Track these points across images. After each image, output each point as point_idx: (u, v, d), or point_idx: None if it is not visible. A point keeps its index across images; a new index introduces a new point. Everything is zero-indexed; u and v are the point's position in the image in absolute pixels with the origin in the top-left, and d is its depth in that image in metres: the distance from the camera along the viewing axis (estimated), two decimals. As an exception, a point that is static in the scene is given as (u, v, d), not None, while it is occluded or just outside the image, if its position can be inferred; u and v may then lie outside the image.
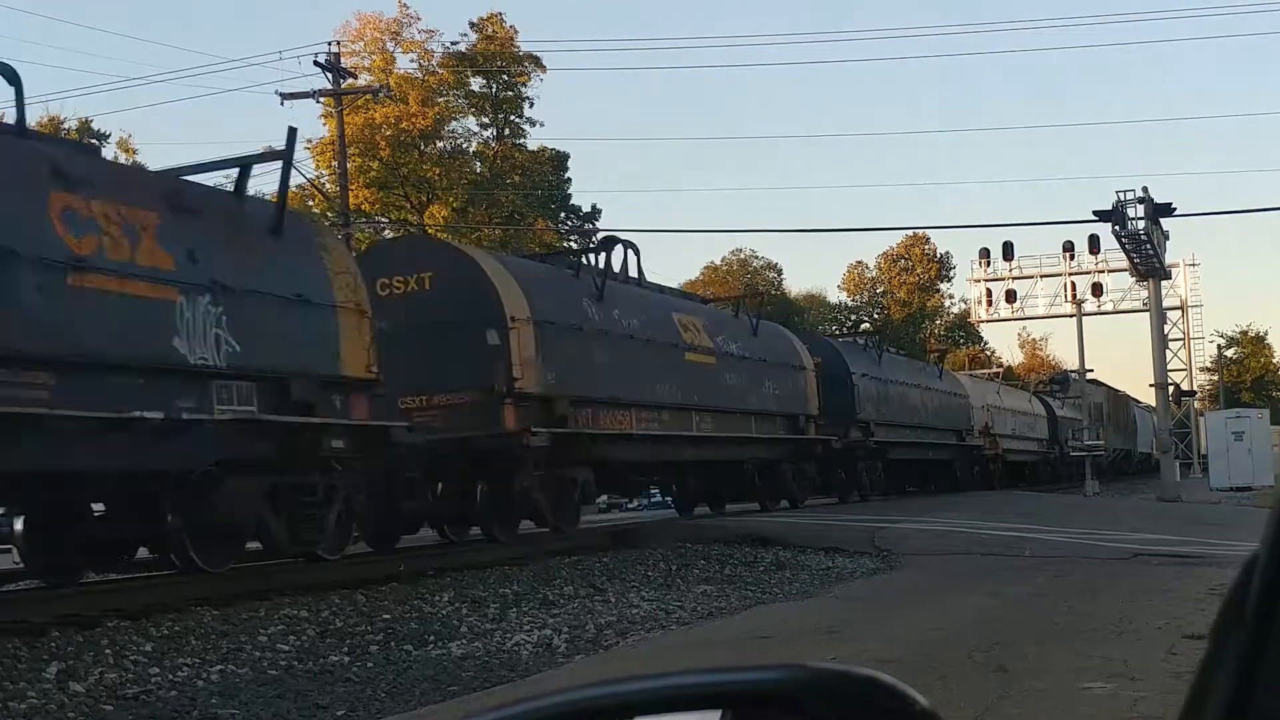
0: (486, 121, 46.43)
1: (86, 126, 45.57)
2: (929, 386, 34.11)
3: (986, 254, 49.45)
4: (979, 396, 38.85)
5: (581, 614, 10.65)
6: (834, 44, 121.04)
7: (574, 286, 18.44)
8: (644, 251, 16.60)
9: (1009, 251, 47.44)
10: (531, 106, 46.49)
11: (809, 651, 7.85)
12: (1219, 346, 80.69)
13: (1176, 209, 35.16)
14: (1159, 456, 38.19)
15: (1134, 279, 42.73)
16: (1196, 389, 63.10)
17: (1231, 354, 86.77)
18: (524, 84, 45.99)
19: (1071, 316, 45.16)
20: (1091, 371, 47.86)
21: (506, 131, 46.40)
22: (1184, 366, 54.80)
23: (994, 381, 47.24)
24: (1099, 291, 47.99)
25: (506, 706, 1.09)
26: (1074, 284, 47.85)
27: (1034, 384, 55.32)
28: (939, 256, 74.76)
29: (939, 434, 34.30)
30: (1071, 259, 47.73)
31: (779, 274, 71.02)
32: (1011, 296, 49.66)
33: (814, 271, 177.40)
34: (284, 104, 33.27)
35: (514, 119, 46.40)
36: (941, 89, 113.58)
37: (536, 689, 5.79)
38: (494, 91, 45.80)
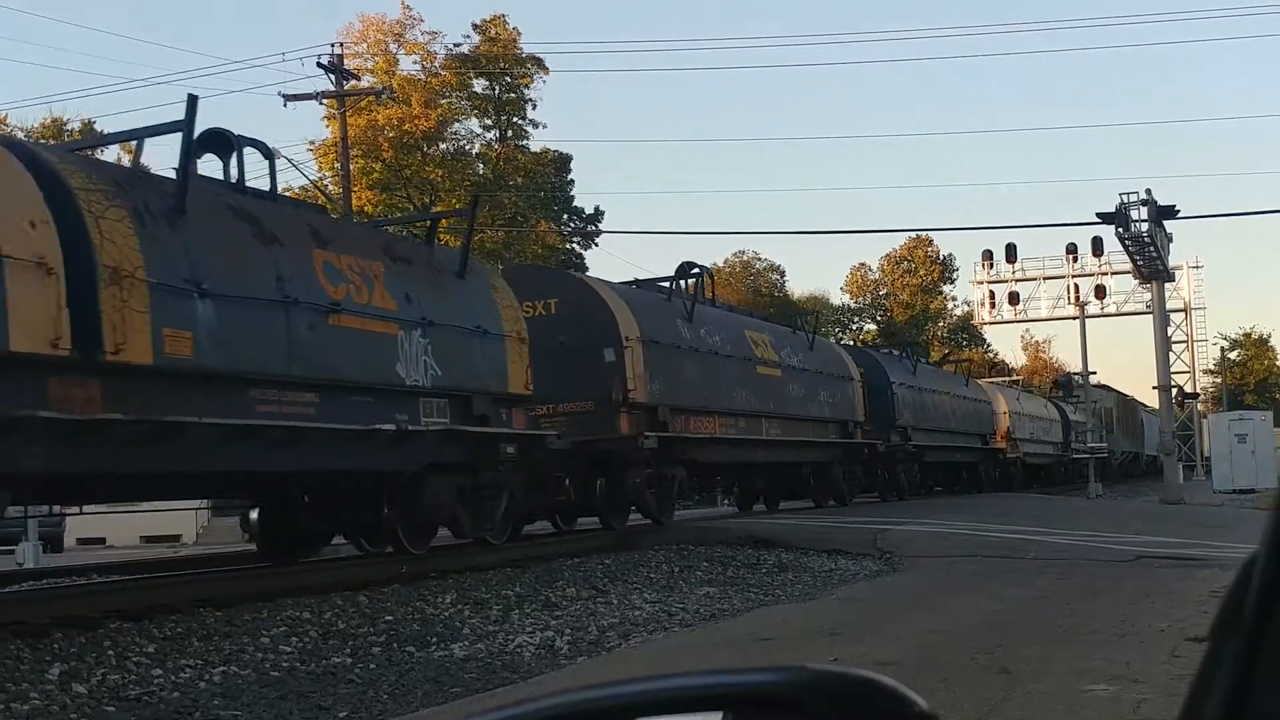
0: (489, 123, 46.44)
1: (89, 127, 45.63)
2: (957, 394, 36.40)
3: (990, 256, 49.42)
4: (1000, 403, 40.93)
5: (584, 616, 10.66)
6: (838, 46, 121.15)
7: (669, 309, 21.04)
8: (645, 253, 17.88)
9: (1012, 253, 47.39)
10: (534, 108, 46.54)
11: (811, 653, 7.85)
12: (1222, 349, 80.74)
13: (1180, 211, 35.15)
14: (1162, 459, 38.21)
15: (1137, 281, 42.69)
16: (1200, 391, 63.03)
17: (1235, 356, 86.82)
18: (527, 86, 46.03)
19: (1075, 319, 45.12)
20: (1095, 374, 48.10)
21: (509, 133, 46.40)
22: (1187, 369, 54.69)
23: (1013, 388, 48.74)
24: (1102, 294, 47.91)
25: (507, 708, 1.09)
26: (1077, 286, 47.78)
27: (1048, 389, 55.96)
28: (942, 258, 74.81)
29: (966, 438, 36.56)
30: (1075, 261, 47.68)
31: (782, 276, 71.14)
32: (1015, 299, 49.59)
33: (817, 273, 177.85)
34: (287, 105, 33.40)
35: (517, 121, 46.41)
36: (945, 91, 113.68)
37: (539, 690, 5.79)
38: (497, 93, 45.81)
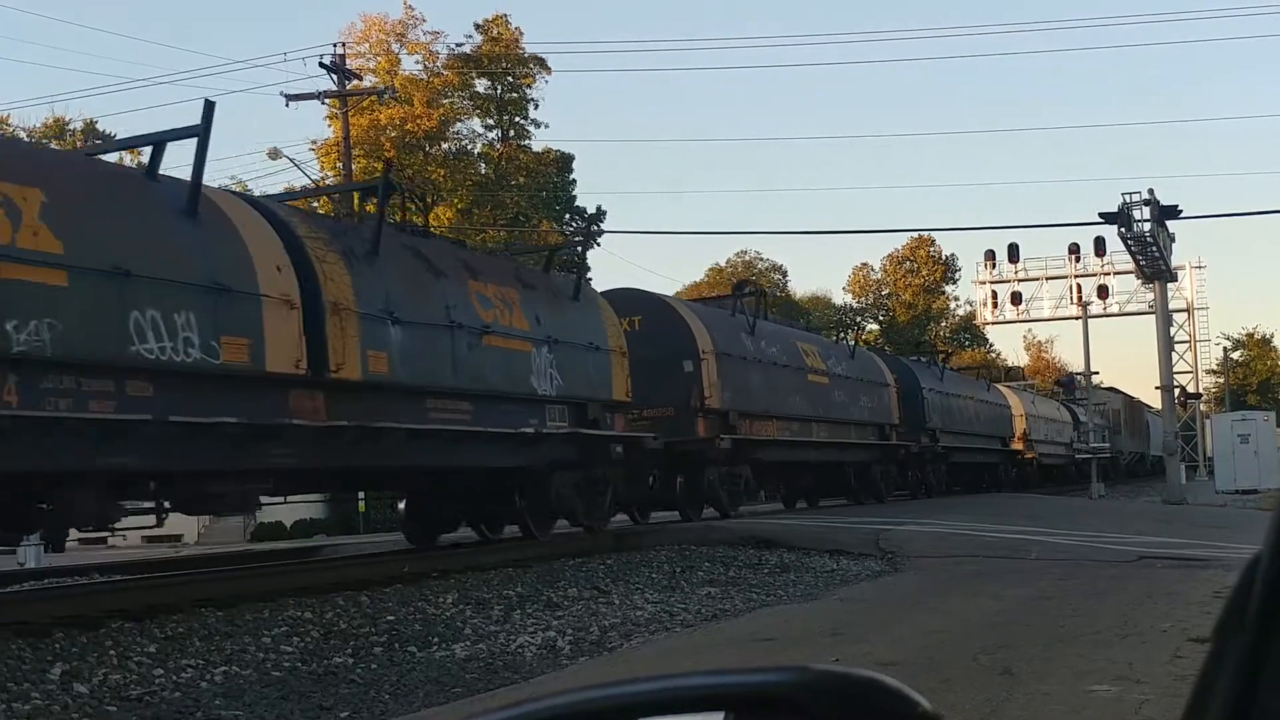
0: (491, 123, 46.40)
1: (91, 127, 45.65)
2: (979, 398, 38.65)
3: (992, 256, 49.37)
4: (1018, 406, 42.95)
5: (585, 616, 10.65)
6: (840, 46, 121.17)
7: (735, 323, 23.23)
8: (647, 253, 18.94)
9: (1014, 253, 47.30)
10: (536, 108, 46.51)
11: (813, 653, 7.84)
12: (1225, 349, 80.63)
13: (1183, 211, 35.09)
14: (1165, 459, 38.21)
15: (1140, 281, 42.61)
16: (1202, 392, 62.95)
17: (1238, 356, 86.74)
18: (529, 85, 46.00)
19: (1077, 319, 45.10)
20: (1098, 374, 48.17)
21: (511, 133, 46.37)
22: (1190, 369, 54.60)
23: (1029, 392, 50.17)
24: (1105, 294, 47.84)
25: (507, 708, 1.09)
26: (1080, 286, 47.73)
27: (1061, 392, 56.62)
28: (944, 258, 74.76)
29: (987, 440, 38.68)
30: (1077, 261, 47.63)
31: (784, 275, 71.11)
32: (1017, 299, 49.54)
33: (819, 273, 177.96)
34: (289, 105, 33.42)
35: (519, 120, 46.38)
36: (947, 91, 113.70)
37: (540, 691, 5.79)
38: (499, 93, 45.79)
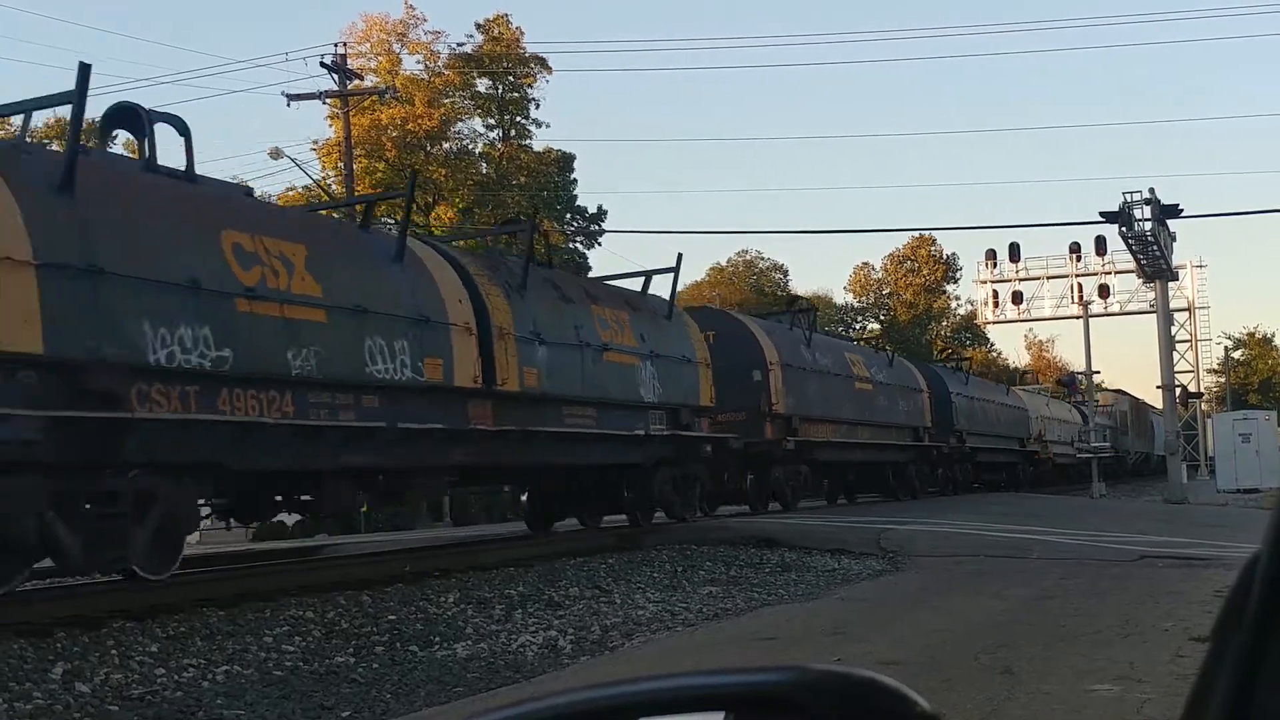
0: (492, 123, 46.36)
1: (93, 127, 45.64)
2: (1000, 401, 41.32)
3: (993, 255, 49.33)
4: (1034, 409, 45.20)
5: (587, 615, 10.65)
6: (841, 45, 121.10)
7: (793, 336, 26.00)
8: (648, 252, 19.66)
9: (1015, 253, 47.26)
10: (538, 108, 46.47)
11: (814, 653, 7.84)
12: (1226, 348, 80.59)
13: (1184, 210, 35.09)
14: (1166, 458, 38.25)
15: (1141, 280, 42.58)
16: (1204, 391, 62.92)
17: (1239, 356, 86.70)
18: (530, 85, 45.96)
19: (1078, 318, 45.07)
20: (1099, 373, 48.23)
21: (512, 133, 46.34)
22: (1191, 368, 54.57)
23: (1043, 394, 51.67)
24: (1106, 293, 47.80)
25: (508, 708, 1.09)
26: (1081, 285, 47.71)
27: (1063, 391, 57.22)
28: (945, 258, 74.74)
29: (1007, 441, 41.23)
30: (1078, 260, 47.59)
31: (785, 275, 71.05)
32: (1018, 298, 49.50)
33: (820, 272, 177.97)
34: (290, 105, 33.43)
35: (520, 120, 46.34)
36: (948, 91, 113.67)
37: (542, 690, 5.79)
38: (500, 93, 45.76)
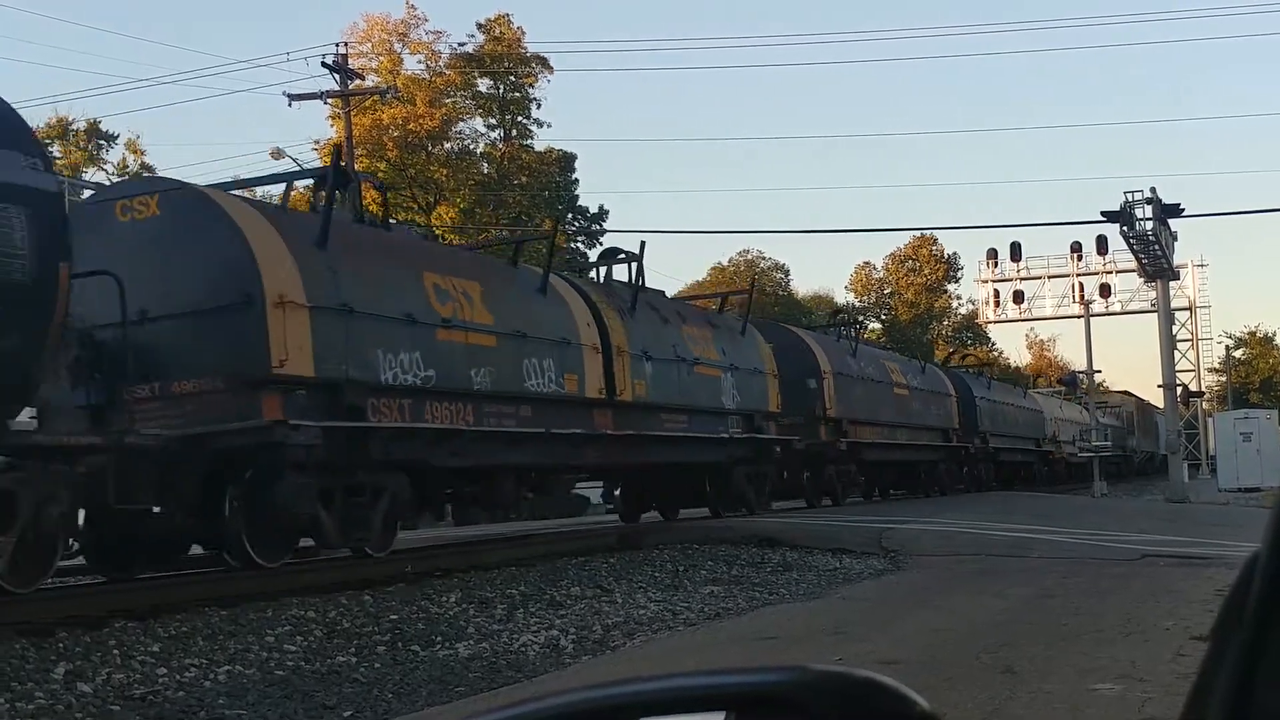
0: (494, 122, 46.41)
1: (94, 127, 45.69)
2: (1018, 404, 43.85)
3: (994, 255, 49.36)
4: (1049, 410, 47.15)
5: (588, 615, 10.65)
6: (843, 45, 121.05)
7: (841, 347, 28.67)
8: (649, 252, 20.08)
9: (1017, 252, 47.27)
10: (539, 107, 46.51)
11: (815, 652, 7.84)
12: (1227, 347, 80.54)
13: (1185, 210, 35.07)
14: (1168, 457, 38.29)
15: (1142, 280, 42.58)
16: (1205, 390, 62.95)
17: (1240, 355, 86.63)
18: (531, 85, 46.00)
19: (1079, 317, 45.09)
20: (1100, 373, 48.34)
21: (514, 132, 46.37)
22: (1192, 367, 54.60)
23: (1056, 397, 53.02)
24: (1107, 292, 47.81)
25: (509, 708, 1.09)
26: (1082, 285, 47.76)
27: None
28: (946, 257, 74.80)
29: (1025, 441, 43.57)
30: (1079, 260, 47.63)
31: (786, 274, 71.05)
32: (1019, 297, 49.52)
33: (821, 272, 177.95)
34: (291, 105, 33.44)
35: (521, 120, 46.38)
36: (949, 90, 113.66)
37: (543, 690, 5.79)
38: (501, 92, 45.79)
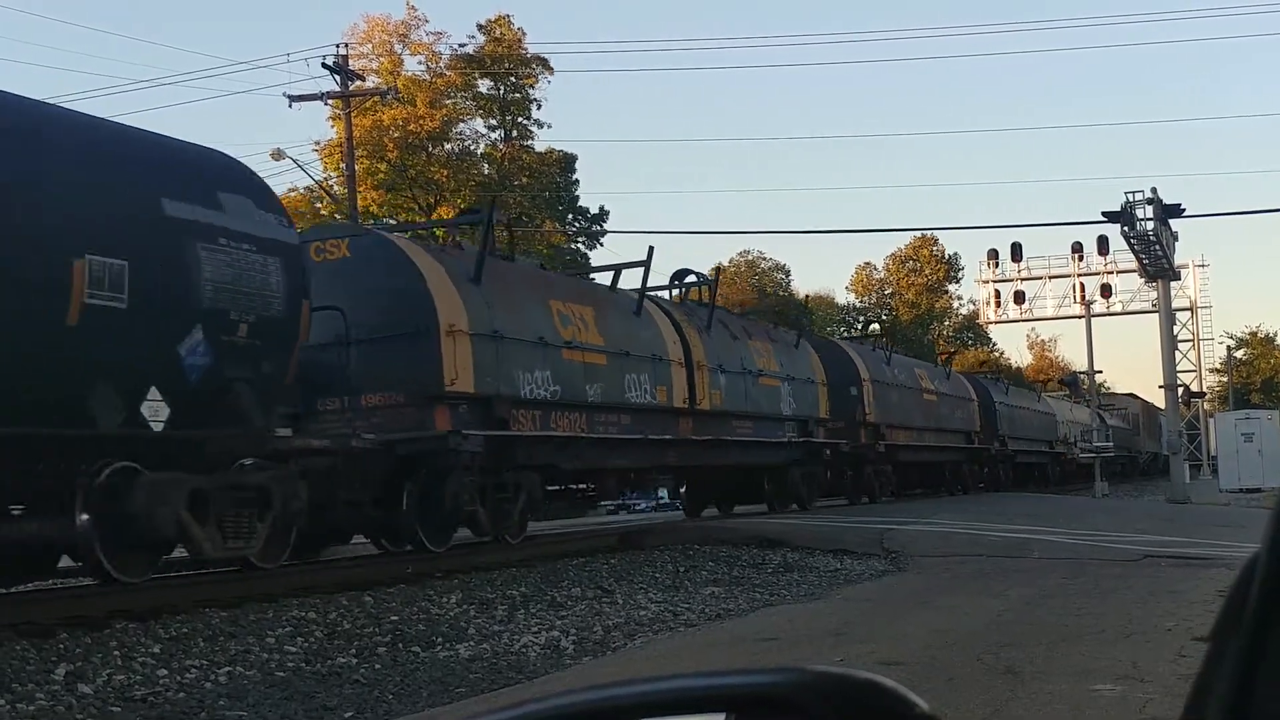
0: (494, 123, 46.40)
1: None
2: (1033, 408, 46.30)
3: (995, 255, 49.26)
4: (1061, 413, 49.57)
5: (589, 616, 10.65)
6: (843, 45, 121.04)
7: (878, 357, 31.34)
8: (652, 253, 19.79)
9: (1018, 252, 47.20)
10: (539, 108, 46.50)
11: (816, 653, 7.84)
12: (1228, 348, 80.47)
13: (1185, 210, 35.09)
14: (1169, 457, 38.29)
15: (1143, 280, 42.56)
16: (1206, 390, 62.86)
17: (1241, 355, 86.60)
18: (531, 86, 45.98)
19: (1080, 318, 45.07)
20: (1101, 373, 48.44)
21: (514, 133, 46.36)
22: (1193, 368, 54.47)
23: (1067, 401, 54.63)
24: (1108, 293, 47.72)
25: (510, 708, 1.09)
26: (1083, 285, 47.63)
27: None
28: (947, 257, 74.72)
29: (1040, 443, 46.13)
30: (1080, 260, 47.53)
31: (787, 275, 71.02)
32: (1020, 298, 49.43)
33: (822, 272, 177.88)
34: (292, 106, 33.40)
35: (522, 121, 46.36)
36: (950, 90, 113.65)
37: (544, 691, 5.78)
38: (502, 93, 45.77)
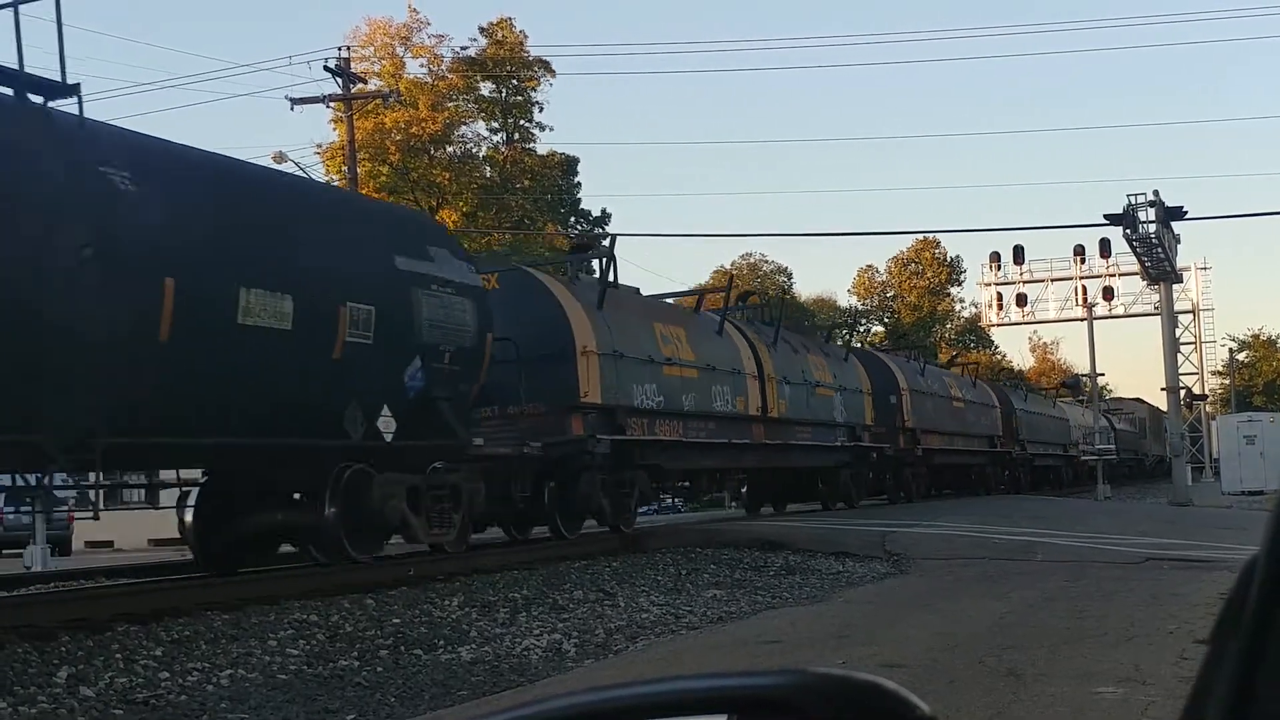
0: (496, 126, 46.39)
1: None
2: (1050, 414, 48.71)
3: (997, 258, 49.29)
4: (1074, 418, 51.42)
5: (591, 618, 10.64)
6: (844, 47, 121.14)
7: (913, 367, 33.94)
8: (651, 255, 19.41)
9: (1019, 255, 47.22)
10: (541, 111, 46.49)
11: (818, 656, 7.84)
12: (1231, 350, 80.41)
13: (1188, 212, 35.06)
14: (1171, 460, 38.28)
15: (1145, 282, 42.55)
16: (1208, 393, 62.87)
17: (1243, 357, 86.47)
18: (533, 88, 45.97)
19: (1082, 320, 45.07)
20: (1103, 376, 48.43)
21: (516, 136, 46.36)
22: (1196, 370, 54.53)
23: (1078, 405, 55.70)
24: (1110, 295, 47.71)
25: (509, 710, 1.09)
26: (1085, 288, 47.63)
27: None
28: (949, 260, 74.67)
29: (1055, 447, 48.43)
30: (1082, 263, 47.53)
31: (789, 278, 70.98)
32: (1022, 300, 49.44)
33: (824, 275, 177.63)
34: (294, 109, 33.39)
35: (523, 123, 46.36)
36: (952, 92, 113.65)
37: (545, 693, 5.78)
38: (503, 96, 45.78)
